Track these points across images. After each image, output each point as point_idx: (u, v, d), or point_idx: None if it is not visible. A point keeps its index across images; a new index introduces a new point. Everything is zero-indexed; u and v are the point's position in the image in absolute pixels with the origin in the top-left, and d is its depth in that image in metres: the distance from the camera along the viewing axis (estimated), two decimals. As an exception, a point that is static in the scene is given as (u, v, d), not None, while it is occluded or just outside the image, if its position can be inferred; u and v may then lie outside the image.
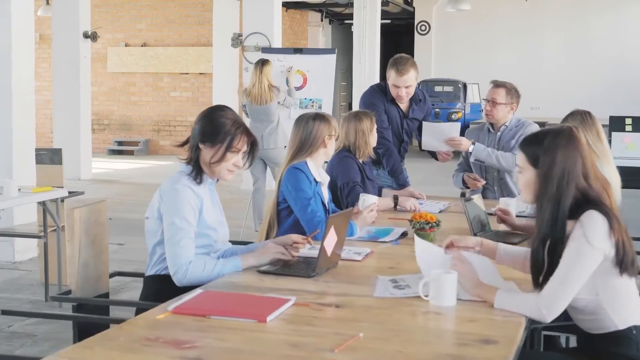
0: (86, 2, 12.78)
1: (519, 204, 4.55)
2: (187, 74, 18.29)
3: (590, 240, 2.56)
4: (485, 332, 2.39)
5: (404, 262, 3.36)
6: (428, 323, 2.52)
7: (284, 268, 3.13)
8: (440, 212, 4.67)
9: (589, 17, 20.17)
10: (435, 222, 3.76)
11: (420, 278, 2.96)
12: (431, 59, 21.07)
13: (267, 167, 8.19)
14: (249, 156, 3.30)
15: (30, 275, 6.77)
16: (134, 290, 6.10)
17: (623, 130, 9.11)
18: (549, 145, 2.69)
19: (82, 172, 12.93)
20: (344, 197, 4.61)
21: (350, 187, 4.57)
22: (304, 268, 3.12)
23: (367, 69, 16.13)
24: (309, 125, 4.09)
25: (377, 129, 4.85)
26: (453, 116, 18.62)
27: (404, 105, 5.42)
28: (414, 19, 21.46)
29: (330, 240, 3.07)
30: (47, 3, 15.83)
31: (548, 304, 2.58)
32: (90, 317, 3.24)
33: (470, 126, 5.59)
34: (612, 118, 9.42)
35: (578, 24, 20.22)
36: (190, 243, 3.08)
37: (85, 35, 12.53)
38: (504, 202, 4.41)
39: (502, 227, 4.03)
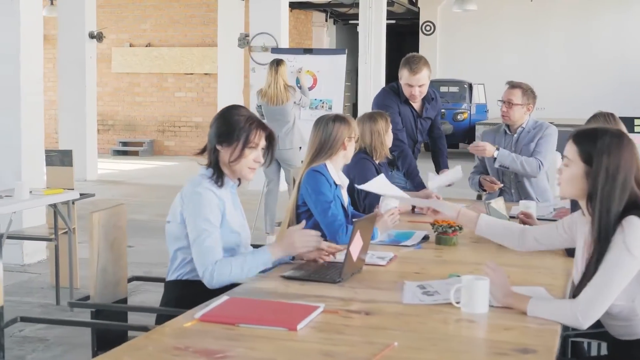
0: (92, 2, 12.72)
1: (539, 207, 4.50)
2: (191, 74, 18.24)
3: (630, 249, 2.51)
4: (522, 340, 2.33)
5: (429, 267, 3.30)
6: (462, 331, 2.45)
7: (308, 273, 3.07)
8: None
9: (593, 18, 20.11)
10: (457, 226, 3.70)
11: (448, 284, 2.92)
12: (436, 59, 20.98)
13: (281, 168, 8.13)
14: (268, 151, 3.25)
15: (40, 278, 6.71)
16: (145, 293, 6.05)
17: (632, 131, 9.05)
18: (608, 146, 2.62)
19: (87, 173, 12.88)
20: (361, 199, 4.55)
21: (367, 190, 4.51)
22: (329, 273, 3.06)
23: (372, 69, 16.07)
24: (328, 127, 4.02)
25: (391, 130, 4.81)
26: (459, 117, 18.56)
27: (417, 105, 5.38)
28: (418, 19, 21.40)
29: (356, 245, 3.01)
30: (52, 3, 15.77)
31: (584, 311, 2.52)
32: (111, 323, 3.18)
33: (482, 128, 5.53)
34: (620, 119, 9.34)
35: (583, 24, 20.16)
36: (215, 243, 3.02)
37: (91, 36, 12.47)
38: (524, 205, 4.34)
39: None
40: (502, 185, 5.19)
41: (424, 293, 2.82)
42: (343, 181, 4.07)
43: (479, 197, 5.54)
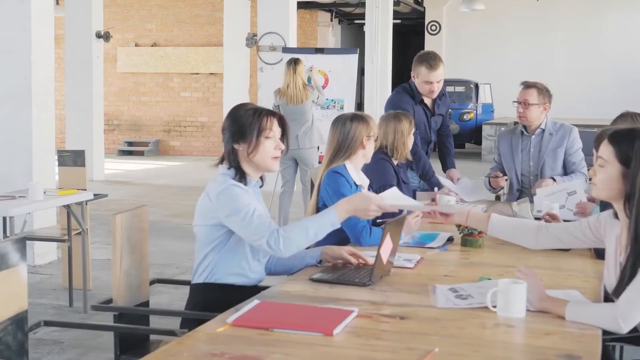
0: (98, 2, 12.68)
1: (564, 211, 4.44)
2: (197, 74, 18.19)
3: None
4: (565, 346, 2.27)
5: (458, 269, 3.25)
6: (502, 336, 2.39)
7: (337, 276, 3.01)
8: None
9: (599, 17, 20.06)
10: (484, 228, 3.64)
11: (480, 287, 2.86)
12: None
13: (297, 169, 8.10)
14: (284, 137, 3.19)
15: (52, 280, 6.66)
16: (158, 295, 6.00)
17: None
18: None
19: (94, 173, 12.83)
20: None
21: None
22: (358, 276, 3.00)
23: (379, 69, 16.01)
24: (346, 127, 3.95)
25: None
26: (465, 116, 18.51)
27: (429, 103, 5.37)
28: (424, 19, 21.35)
29: (386, 247, 2.96)
30: (57, 3, 15.72)
31: (625, 315, 2.46)
32: (137, 327, 3.12)
33: (492, 129, 5.44)
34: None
35: (589, 23, 20.11)
36: (265, 217, 2.95)
37: (98, 35, 12.42)
38: (547, 207, 4.28)
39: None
40: (506, 178, 5.13)
41: (457, 297, 2.76)
42: (364, 181, 4.01)
43: (497, 198, 5.48)
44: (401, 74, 19.66)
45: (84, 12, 12.34)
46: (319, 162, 8.15)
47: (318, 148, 8.14)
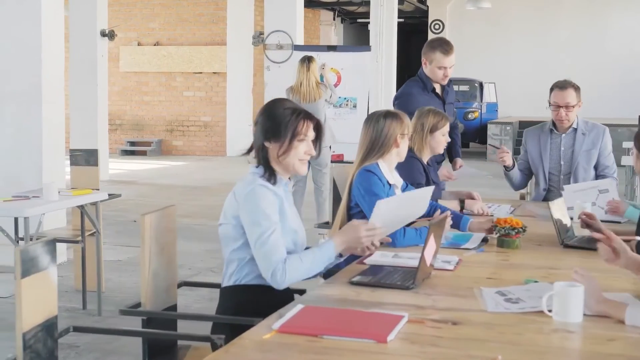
0: (103, 0, 12.55)
1: (595, 209, 4.32)
2: (200, 73, 18.06)
3: None
4: (631, 352, 2.16)
5: (500, 271, 3.13)
6: (564, 343, 2.28)
7: (377, 279, 2.89)
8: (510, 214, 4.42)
9: (603, 16, 19.96)
10: (521, 228, 3.53)
11: (528, 290, 2.75)
12: (445, 57, 20.82)
13: (309, 168, 7.96)
14: (317, 142, 3.08)
15: (63, 282, 6.51)
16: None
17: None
18: None
19: (99, 173, 12.68)
20: None
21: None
22: (399, 279, 2.88)
23: (384, 68, 15.89)
24: (379, 124, 3.82)
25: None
26: (469, 115, 18.40)
27: (439, 91, 5.36)
28: (427, 17, 21.24)
29: (430, 249, 2.84)
30: (60, 1, 15.60)
31: None
32: (171, 334, 3.01)
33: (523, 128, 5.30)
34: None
35: (593, 22, 20.02)
36: (278, 241, 2.84)
37: (103, 34, 12.30)
38: (579, 207, 4.16)
39: (586, 232, 3.79)
40: (508, 151, 5.01)
41: (506, 300, 2.64)
42: (397, 180, 3.89)
43: (522, 197, 5.36)
44: (404, 73, 19.55)
45: (89, 10, 12.21)
46: (331, 162, 8.04)
47: (330, 147, 8.02)
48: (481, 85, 18.89)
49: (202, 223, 9.49)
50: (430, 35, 21.24)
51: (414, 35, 23.74)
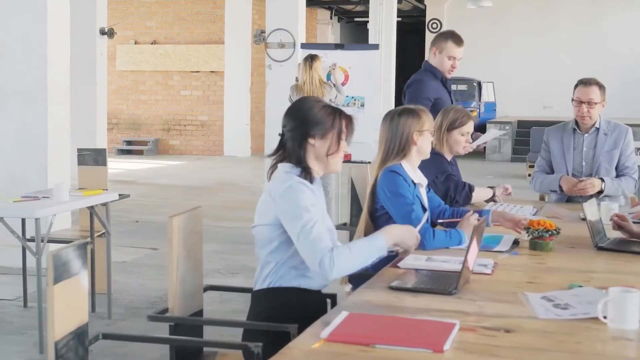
0: (103, -2, 12.41)
1: (622, 210, 4.23)
2: (198, 72, 17.92)
3: None
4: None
5: (540, 275, 3.04)
6: (628, 352, 2.18)
7: (417, 284, 2.79)
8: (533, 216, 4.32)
9: (603, 16, 19.91)
10: (555, 230, 3.43)
11: (575, 295, 2.66)
12: (442, 56, 20.72)
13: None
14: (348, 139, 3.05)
15: (68, 283, 6.40)
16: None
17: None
18: None
19: (107, 173, 12.55)
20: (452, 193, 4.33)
21: (458, 184, 4.32)
22: (440, 284, 2.78)
23: (383, 67, 15.77)
24: (393, 122, 3.70)
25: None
26: (468, 115, 18.32)
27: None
28: (425, 16, 21.15)
29: (473, 253, 2.75)
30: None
31: None
32: (202, 341, 2.90)
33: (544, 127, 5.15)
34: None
35: (592, 22, 19.97)
36: (323, 231, 2.77)
37: (102, 32, 12.14)
38: (606, 207, 4.08)
39: (617, 234, 3.71)
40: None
41: (555, 306, 2.54)
42: (421, 179, 3.78)
43: (542, 198, 5.27)
44: (401, 72, 19.45)
45: (89, 8, 12.05)
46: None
47: None
48: (479, 84, 18.82)
49: (206, 224, 9.35)
50: (428, 34, 21.15)
51: (411, 34, 23.63)
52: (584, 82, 4.81)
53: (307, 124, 2.91)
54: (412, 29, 23.33)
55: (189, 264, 3.07)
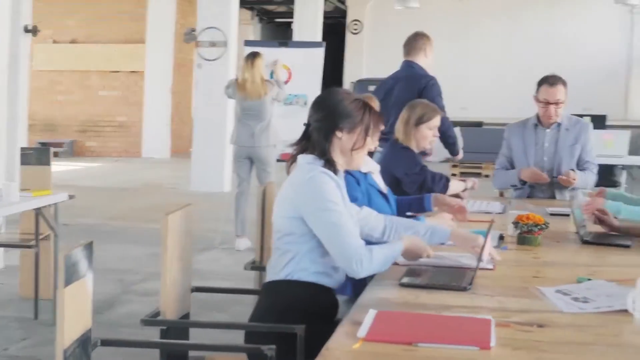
0: (27, -6, 11.91)
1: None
2: (117, 72, 17.47)
3: None
4: None
5: (543, 269, 3.03)
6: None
7: (429, 280, 2.71)
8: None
9: (522, 20, 20.31)
10: (544, 224, 3.41)
11: (589, 289, 2.63)
12: (363, 58, 20.80)
13: (253, 167, 7.67)
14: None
15: (6, 289, 6.08)
16: (128, 304, 5.56)
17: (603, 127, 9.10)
18: None
19: (51, 173, 12.08)
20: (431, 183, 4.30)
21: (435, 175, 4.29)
22: (451, 280, 2.70)
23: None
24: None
25: None
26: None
27: None
28: (345, 17, 21.17)
29: (487, 250, 2.69)
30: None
31: None
32: (211, 345, 2.74)
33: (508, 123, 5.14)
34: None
35: (511, 26, 20.34)
36: (353, 225, 2.70)
37: (26, 30, 11.66)
38: (578, 198, 4.09)
39: (598, 228, 3.72)
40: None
41: (574, 300, 2.51)
42: (373, 167, 3.71)
43: (501, 195, 5.28)
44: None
45: (12, 4, 11.55)
46: (277, 161, 7.78)
47: (275, 146, 7.77)
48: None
49: (136, 226, 9.11)
50: (348, 36, 21.20)
51: (331, 35, 23.65)
52: (550, 82, 4.79)
53: (336, 116, 2.82)
54: (332, 31, 23.34)
55: (180, 266, 2.91)
